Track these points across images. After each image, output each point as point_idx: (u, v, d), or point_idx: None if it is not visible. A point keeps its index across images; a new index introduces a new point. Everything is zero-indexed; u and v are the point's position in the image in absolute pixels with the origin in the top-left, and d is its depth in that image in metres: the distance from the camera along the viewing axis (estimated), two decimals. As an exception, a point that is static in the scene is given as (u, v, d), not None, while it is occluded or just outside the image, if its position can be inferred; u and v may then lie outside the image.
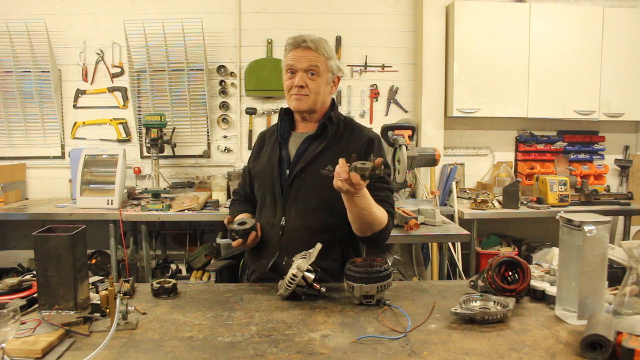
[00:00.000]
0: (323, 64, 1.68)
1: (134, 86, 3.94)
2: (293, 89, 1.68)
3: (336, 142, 1.71)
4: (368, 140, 1.72)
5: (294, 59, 1.67)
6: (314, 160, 1.68)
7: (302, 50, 1.66)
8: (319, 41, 1.68)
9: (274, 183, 1.71)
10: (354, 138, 1.73)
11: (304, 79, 1.66)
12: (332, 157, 1.65)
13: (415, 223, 2.61)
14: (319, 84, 1.68)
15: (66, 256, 1.24)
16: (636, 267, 1.16)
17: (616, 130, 4.33)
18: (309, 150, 1.70)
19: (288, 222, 1.67)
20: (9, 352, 1.06)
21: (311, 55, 1.66)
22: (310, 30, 4.02)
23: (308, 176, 1.67)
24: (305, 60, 1.65)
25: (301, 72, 1.66)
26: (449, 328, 1.24)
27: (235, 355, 1.10)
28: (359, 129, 1.78)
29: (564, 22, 3.86)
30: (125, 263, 3.61)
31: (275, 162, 1.73)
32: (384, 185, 1.69)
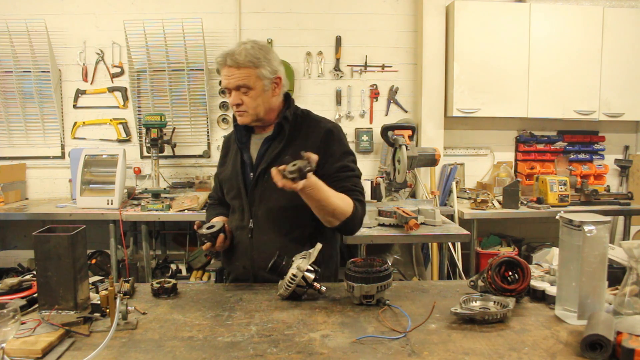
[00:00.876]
0: (252, 77, 1.63)
1: (134, 86, 3.94)
2: (233, 106, 1.69)
3: (295, 138, 1.71)
4: (326, 132, 1.70)
5: (224, 78, 1.66)
6: (275, 160, 1.67)
7: (228, 69, 1.63)
8: (246, 52, 1.61)
9: (239, 187, 1.73)
10: (312, 131, 1.72)
11: (238, 97, 1.65)
12: (293, 154, 1.64)
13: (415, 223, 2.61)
14: (253, 97, 1.65)
15: (66, 256, 1.24)
16: (636, 267, 1.16)
17: (616, 130, 4.33)
18: (269, 151, 1.70)
19: (256, 224, 1.69)
20: (9, 352, 1.06)
21: (237, 73, 1.63)
22: (310, 30, 4.07)
23: (270, 176, 1.64)
24: (233, 78, 1.63)
25: (234, 90, 1.65)
26: (449, 328, 1.24)
27: (235, 355, 1.10)
28: (317, 122, 1.76)
29: (564, 22, 3.86)
30: (125, 263, 3.61)
31: (238, 167, 1.75)
32: (349, 174, 1.69)
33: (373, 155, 4.18)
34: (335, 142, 1.71)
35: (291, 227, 1.68)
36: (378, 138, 3.62)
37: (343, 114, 4.13)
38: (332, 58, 4.09)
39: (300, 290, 1.44)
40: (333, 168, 1.68)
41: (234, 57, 1.61)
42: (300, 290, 1.44)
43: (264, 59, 1.65)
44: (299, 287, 1.43)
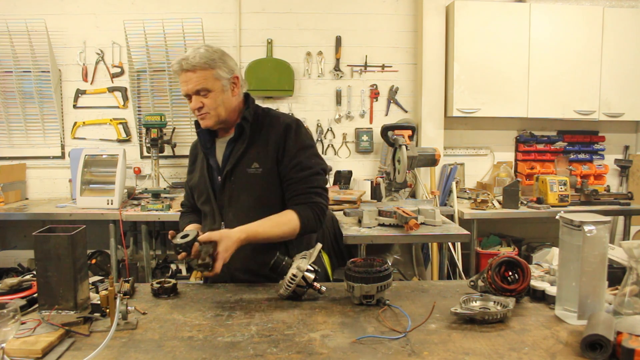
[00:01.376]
0: (209, 79, 1.63)
1: (134, 86, 3.94)
2: (194, 111, 1.69)
3: (257, 137, 1.71)
4: (285, 127, 1.70)
5: (183, 84, 1.66)
6: (239, 161, 1.69)
7: (184, 74, 1.64)
8: (199, 55, 1.62)
9: (208, 192, 1.74)
10: (272, 128, 1.71)
11: (199, 101, 1.65)
12: (256, 154, 1.69)
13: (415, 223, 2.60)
14: (213, 99, 1.65)
15: (66, 256, 1.24)
16: (636, 267, 1.16)
17: (616, 130, 4.33)
18: (233, 153, 1.70)
19: (227, 226, 1.69)
20: (9, 352, 1.06)
21: (193, 76, 1.63)
22: (310, 30, 4.07)
23: (236, 178, 1.69)
24: (191, 83, 1.63)
25: (193, 95, 1.65)
26: (449, 328, 1.24)
27: (235, 355, 1.10)
28: (276, 118, 1.75)
29: (564, 22, 3.86)
30: (125, 263, 3.61)
31: (205, 172, 1.76)
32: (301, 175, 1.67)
33: (373, 155, 4.18)
34: (291, 138, 1.69)
35: None
36: (378, 138, 3.62)
37: (343, 114, 4.13)
38: (332, 58, 4.09)
39: (300, 290, 1.44)
40: (286, 168, 1.68)
41: (189, 60, 1.61)
42: (300, 290, 1.44)
43: (219, 59, 1.66)
44: (299, 287, 1.43)
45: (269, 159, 1.68)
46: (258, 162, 1.68)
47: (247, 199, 1.68)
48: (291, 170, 1.68)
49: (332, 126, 4.14)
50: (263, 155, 1.68)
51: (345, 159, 4.16)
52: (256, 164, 1.67)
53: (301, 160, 1.68)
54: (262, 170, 1.67)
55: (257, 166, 1.67)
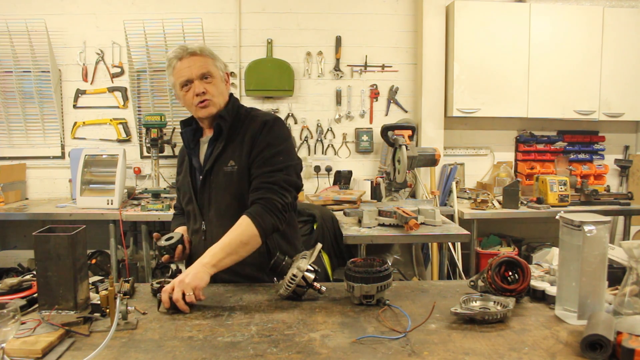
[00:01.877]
0: (212, 66, 1.67)
1: (134, 86, 3.94)
2: (195, 98, 1.65)
3: (235, 136, 1.70)
4: (261, 124, 1.67)
5: (184, 70, 1.64)
6: (216, 161, 1.69)
7: (189, 59, 1.64)
8: (200, 46, 1.68)
9: (190, 192, 1.75)
10: (249, 127, 1.69)
11: (202, 86, 1.64)
12: (233, 152, 1.68)
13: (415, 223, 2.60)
14: (216, 85, 1.67)
15: (66, 256, 1.24)
16: (636, 267, 1.16)
17: (616, 130, 4.33)
18: (214, 152, 1.70)
19: (208, 226, 1.70)
20: (9, 352, 1.06)
21: (199, 60, 1.64)
22: (310, 30, 4.07)
23: (215, 177, 1.69)
24: (195, 67, 1.63)
25: (197, 80, 1.64)
26: (449, 328, 1.24)
27: (235, 355, 1.10)
28: (256, 116, 1.73)
29: (564, 22, 3.86)
30: (125, 263, 3.61)
31: (188, 172, 1.77)
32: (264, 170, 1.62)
33: (373, 155, 4.18)
34: (263, 134, 1.65)
35: None
36: (378, 138, 3.62)
37: (343, 114, 4.13)
38: (332, 58, 4.09)
39: (300, 290, 1.44)
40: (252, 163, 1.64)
41: (192, 48, 1.64)
42: (300, 290, 1.44)
43: (217, 56, 1.73)
44: (299, 287, 1.43)
45: (243, 157, 1.66)
46: (234, 160, 1.67)
47: (225, 198, 1.68)
48: (255, 166, 1.64)
49: (332, 126, 4.13)
50: (238, 153, 1.67)
51: (345, 159, 4.16)
52: (232, 162, 1.67)
53: (265, 157, 1.63)
54: (238, 168, 1.66)
55: (233, 164, 1.67)
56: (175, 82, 1.68)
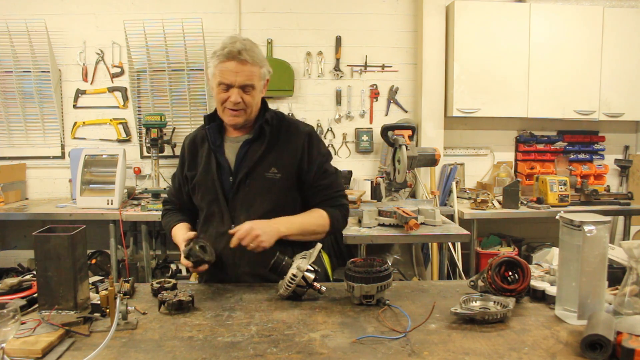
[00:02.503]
0: (256, 77, 1.60)
1: (134, 86, 3.94)
2: (228, 103, 1.60)
3: (275, 142, 1.68)
4: (306, 136, 1.70)
5: (228, 74, 1.56)
6: (257, 164, 1.65)
7: (237, 64, 1.55)
8: (253, 49, 1.58)
9: (217, 193, 1.67)
10: (291, 136, 1.69)
11: (239, 95, 1.58)
12: (275, 158, 1.66)
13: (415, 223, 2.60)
14: (253, 97, 1.61)
15: (66, 256, 1.24)
16: (636, 267, 1.16)
17: (616, 130, 4.33)
18: (249, 155, 1.66)
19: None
20: (9, 352, 1.06)
21: (247, 69, 1.56)
22: (310, 30, 4.06)
23: (252, 181, 1.64)
24: (241, 75, 1.56)
25: (236, 88, 1.58)
26: (449, 328, 1.24)
27: (235, 355, 1.10)
28: (295, 125, 1.74)
29: (564, 22, 3.86)
30: (125, 263, 3.61)
31: (214, 171, 1.68)
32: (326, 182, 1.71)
33: (373, 155, 4.18)
34: (315, 146, 1.71)
35: None
36: (378, 138, 3.62)
37: (343, 114, 4.13)
38: (332, 58, 4.09)
39: (300, 290, 1.44)
40: (313, 175, 1.69)
41: (244, 54, 1.54)
42: (300, 290, 1.44)
43: (264, 59, 1.65)
44: (299, 287, 1.43)
45: (288, 166, 1.66)
46: (277, 167, 1.65)
47: (263, 204, 1.64)
48: (319, 177, 1.70)
49: (332, 126, 4.13)
50: (282, 161, 1.65)
51: (345, 159, 4.16)
52: (274, 169, 1.64)
53: (326, 168, 1.72)
54: (281, 176, 1.65)
55: (276, 171, 1.64)
56: (214, 75, 1.60)
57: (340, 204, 1.74)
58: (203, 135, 1.75)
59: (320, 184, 1.70)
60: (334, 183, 1.75)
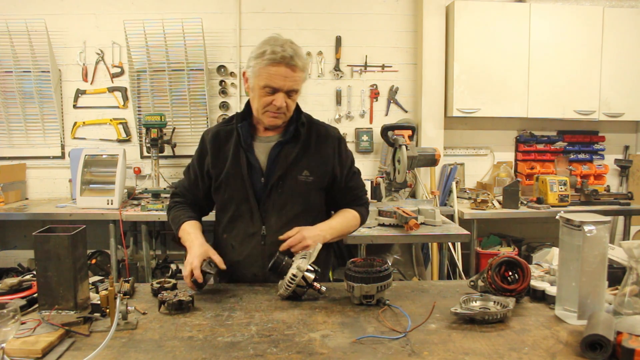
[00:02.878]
0: (301, 82, 1.60)
1: (134, 86, 3.94)
2: (271, 106, 1.58)
3: (307, 145, 1.68)
4: (336, 141, 1.74)
5: (278, 78, 1.54)
6: (291, 168, 1.64)
7: (287, 69, 1.53)
8: (302, 55, 1.58)
9: (247, 193, 1.64)
10: (323, 140, 1.71)
11: (285, 100, 1.57)
12: (308, 162, 1.67)
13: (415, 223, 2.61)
14: (294, 101, 1.63)
15: (66, 256, 1.24)
16: (636, 267, 1.16)
17: (616, 130, 4.33)
18: (281, 157, 1.64)
19: (269, 231, 1.64)
20: (9, 352, 1.06)
21: (296, 75, 1.55)
22: (310, 30, 4.06)
23: (286, 183, 1.64)
24: (290, 80, 1.55)
25: (282, 92, 1.56)
26: (449, 328, 1.24)
27: (235, 355, 1.10)
28: (325, 129, 1.75)
29: (564, 22, 3.86)
30: (125, 263, 3.61)
31: (245, 170, 1.64)
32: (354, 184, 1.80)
33: (373, 155, 4.18)
34: (344, 150, 1.77)
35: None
36: (378, 138, 3.62)
37: (343, 114, 4.13)
38: (332, 58, 4.09)
39: (300, 290, 1.44)
40: (344, 178, 1.76)
41: (296, 59, 1.54)
42: (300, 290, 1.44)
43: (307, 64, 1.70)
44: (299, 287, 1.43)
45: (321, 170, 1.68)
46: (309, 170, 1.66)
47: (295, 207, 1.65)
48: (349, 179, 1.78)
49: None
50: (315, 165, 1.67)
51: (345, 159, 4.16)
52: (307, 172, 1.65)
53: (354, 171, 1.81)
54: (313, 179, 1.66)
55: (308, 174, 1.65)
56: (259, 77, 1.56)
57: (365, 201, 1.86)
58: (228, 132, 1.71)
59: (349, 185, 1.78)
60: (359, 183, 1.84)
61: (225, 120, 1.77)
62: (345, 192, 1.78)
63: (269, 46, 1.55)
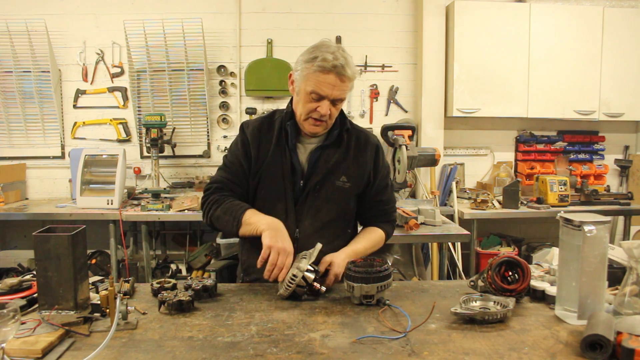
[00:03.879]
0: (347, 92, 1.57)
1: (134, 86, 3.94)
2: (315, 113, 1.55)
3: (346, 151, 1.66)
4: (375, 149, 1.72)
5: (326, 86, 1.50)
6: (330, 173, 1.63)
7: (336, 78, 1.50)
8: (351, 64, 1.53)
9: (286, 193, 1.63)
10: (362, 146, 1.69)
11: (330, 108, 1.55)
12: (346, 167, 1.65)
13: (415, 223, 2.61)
14: (338, 109, 1.60)
15: (66, 256, 1.24)
16: (636, 267, 1.16)
17: (616, 130, 4.34)
18: (321, 161, 1.63)
19: (302, 234, 1.63)
20: (9, 352, 1.06)
21: (344, 85, 1.52)
22: (310, 30, 4.06)
23: (323, 188, 1.63)
24: (338, 89, 1.52)
25: (327, 100, 1.53)
26: (449, 328, 1.24)
27: (235, 355, 1.10)
28: (364, 136, 1.72)
29: (564, 22, 3.86)
30: (125, 263, 3.61)
31: (288, 170, 1.62)
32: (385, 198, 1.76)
33: (373, 155, 4.17)
34: (380, 159, 1.73)
35: (334, 237, 1.67)
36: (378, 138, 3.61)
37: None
38: (332, 58, 4.08)
39: (300, 290, 1.44)
40: (375, 188, 1.72)
41: (346, 69, 1.50)
42: (300, 290, 1.44)
43: (356, 74, 1.60)
44: (299, 287, 1.43)
45: (358, 176, 1.67)
46: (347, 176, 1.64)
47: (329, 212, 1.64)
48: (380, 191, 1.74)
49: (332, 126, 4.13)
50: (353, 171, 1.65)
51: (345, 159, 4.16)
52: (344, 178, 1.64)
53: (387, 183, 1.76)
54: (350, 185, 1.65)
55: (345, 180, 1.64)
56: (306, 81, 1.53)
57: (393, 219, 1.82)
58: (269, 125, 1.68)
59: (380, 198, 1.75)
60: (391, 198, 1.80)
61: (266, 115, 1.73)
62: (374, 204, 1.75)
63: (321, 52, 1.50)
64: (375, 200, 1.74)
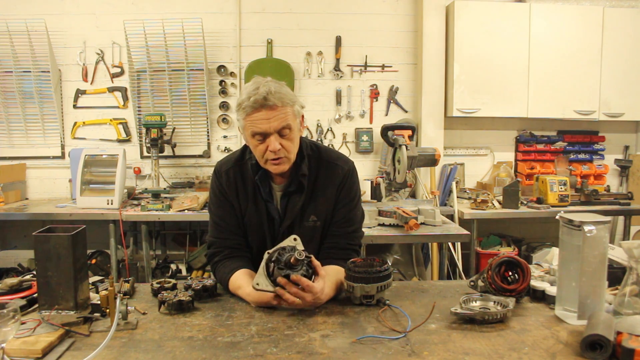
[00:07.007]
0: (291, 116, 1.48)
1: (134, 86, 3.94)
2: (268, 153, 1.49)
3: (312, 192, 1.62)
4: (342, 177, 1.63)
5: (261, 122, 1.45)
6: (298, 216, 1.61)
7: (267, 111, 1.44)
8: (279, 90, 1.46)
9: (266, 240, 1.64)
10: (329, 178, 1.62)
11: (278, 142, 1.47)
12: (314, 207, 1.62)
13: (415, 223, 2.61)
14: (292, 139, 1.50)
15: (66, 256, 1.24)
16: (636, 267, 1.16)
17: (616, 130, 4.33)
18: (289, 207, 1.61)
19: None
20: (9, 352, 1.06)
21: (279, 113, 1.45)
22: (310, 30, 4.07)
23: (295, 231, 1.55)
24: (275, 120, 1.45)
25: (273, 135, 1.46)
26: (449, 328, 1.24)
27: (235, 355, 1.10)
28: (333, 164, 1.64)
29: (564, 22, 3.86)
30: (125, 263, 3.61)
31: (266, 220, 1.63)
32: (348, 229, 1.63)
33: (373, 155, 4.18)
34: (346, 187, 1.63)
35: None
36: (378, 138, 3.62)
37: (343, 114, 4.13)
38: (332, 58, 4.09)
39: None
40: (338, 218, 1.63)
41: (270, 98, 1.43)
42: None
43: (293, 95, 1.52)
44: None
45: (325, 212, 1.63)
46: (316, 215, 1.61)
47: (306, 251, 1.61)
48: (340, 223, 1.63)
49: (332, 126, 4.14)
50: (320, 208, 1.62)
51: (345, 159, 4.16)
52: (314, 217, 1.62)
53: (351, 217, 1.64)
54: (321, 223, 1.63)
55: (315, 219, 1.62)
56: (245, 128, 1.49)
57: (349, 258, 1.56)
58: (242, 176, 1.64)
59: (338, 231, 1.64)
60: (353, 235, 1.65)
61: (237, 157, 1.67)
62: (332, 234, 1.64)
63: (246, 95, 1.47)
64: (334, 231, 1.64)
